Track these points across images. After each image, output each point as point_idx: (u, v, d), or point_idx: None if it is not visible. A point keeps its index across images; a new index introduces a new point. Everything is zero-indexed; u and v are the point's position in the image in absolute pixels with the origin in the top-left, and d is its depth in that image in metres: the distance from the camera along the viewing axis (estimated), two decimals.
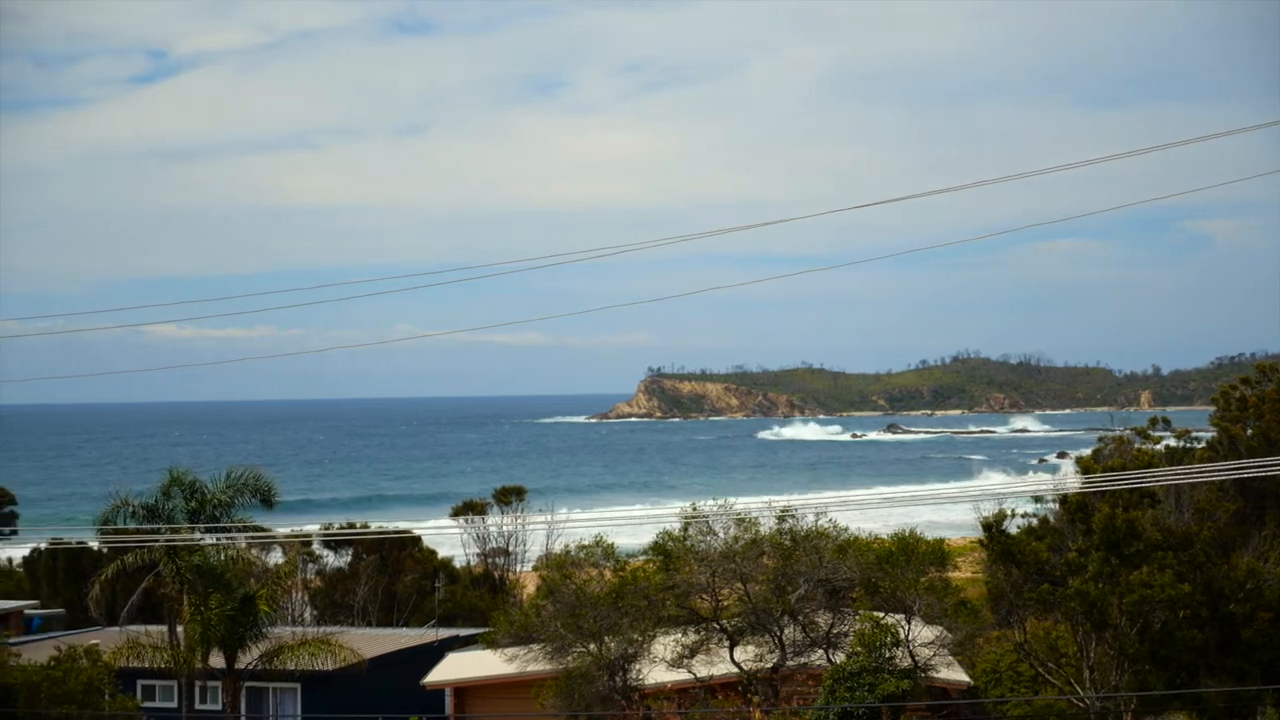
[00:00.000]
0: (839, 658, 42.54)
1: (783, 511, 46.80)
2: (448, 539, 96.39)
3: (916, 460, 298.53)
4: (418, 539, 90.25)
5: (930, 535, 48.24)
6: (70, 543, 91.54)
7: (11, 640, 57.80)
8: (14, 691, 44.29)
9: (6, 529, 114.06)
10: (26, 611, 76.37)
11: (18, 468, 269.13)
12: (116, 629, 59.26)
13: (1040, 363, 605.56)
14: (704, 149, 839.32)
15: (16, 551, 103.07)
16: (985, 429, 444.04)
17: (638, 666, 43.86)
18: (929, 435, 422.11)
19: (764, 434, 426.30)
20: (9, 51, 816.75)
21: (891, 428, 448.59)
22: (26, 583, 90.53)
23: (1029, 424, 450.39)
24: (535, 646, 44.97)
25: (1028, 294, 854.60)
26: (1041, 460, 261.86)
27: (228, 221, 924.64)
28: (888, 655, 40.54)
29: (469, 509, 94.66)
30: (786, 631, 43.72)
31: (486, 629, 57.59)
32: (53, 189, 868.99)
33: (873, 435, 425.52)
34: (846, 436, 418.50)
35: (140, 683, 56.23)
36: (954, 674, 45.59)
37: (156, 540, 50.79)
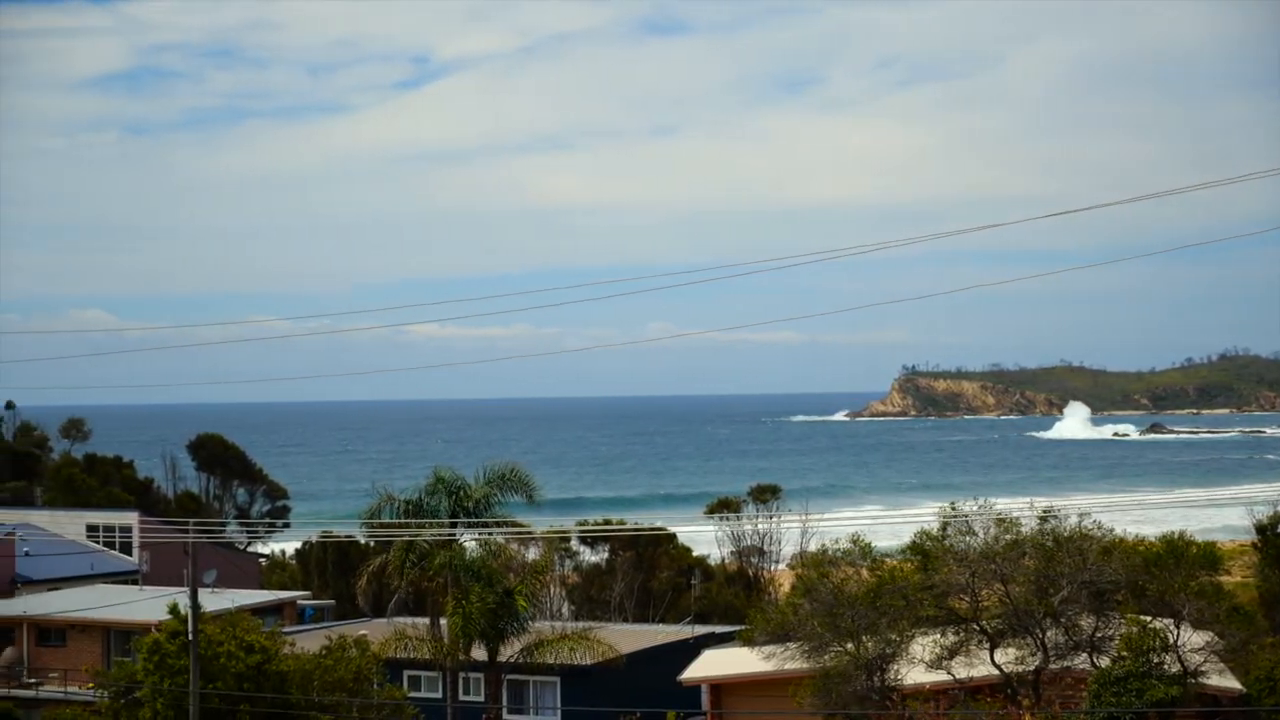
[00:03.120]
0: (1104, 662, 41.46)
1: (1044, 512, 45.83)
2: (702, 536, 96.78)
3: (1199, 461, 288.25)
4: (673, 536, 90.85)
5: (1202, 538, 46.75)
6: (339, 536, 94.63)
7: (286, 629, 59.92)
8: (289, 678, 45.88)
9: (279, 523, 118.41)
10: (299, 602, 79.06)
11: (302, 461, 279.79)
12: (384, 620, 61.02)
13: None
14: (958, 144, 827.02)
15: (290, 544, 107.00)
16: (1256, 429, 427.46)
17: (895, 667, 43.39)
18: (1195, 435, 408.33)
19: (1040, 433, 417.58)
20: (284, 60, 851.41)
21: (1155, 428, 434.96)
22: (299, 574, 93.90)
23: None
24: (792, 645, 44.85)
25: None
26: None
27: (485, 222, 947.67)
28: (1155, 660, 39.38)
29: (724, 507, 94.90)
30: (1048, 634, 42.76)
31: (742, 626, 57.65)
32: (318, 192, 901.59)
33: (1134, 435, 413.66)
34: (1110, 436, 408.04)
35: (406, 673, 57.75)
36: (1226, 681, 43.99)
37: (418, 535, 52.15)
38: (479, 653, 52.47)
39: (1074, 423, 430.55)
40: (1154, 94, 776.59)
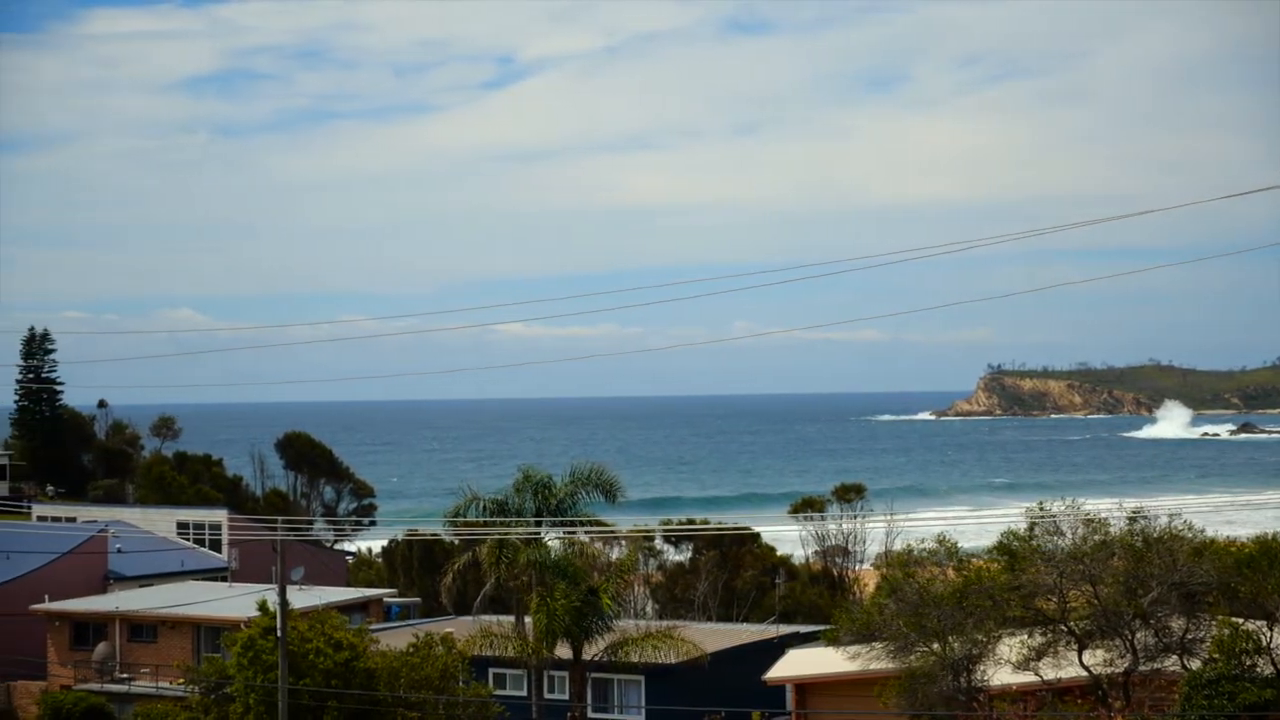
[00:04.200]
0: (1194, 664, 40.94)
1: (1134, 512, 45.28)
2: (786, 536, 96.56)
3: None
4: (756, 535, 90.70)
5: None
6: (425, 535, 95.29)
7: (373, 627, 60.38)
8: (376, 676, 46.26)
9: (365, 521, 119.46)
10: (385, 600, 79.56)
11: (389, 460, 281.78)
12: (469, 618, 61.32)
13: None
14: (1047, 142, 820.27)
15: (376, 543, 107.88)
16: None
17: (982, 667, 43.07)
18: None
19: (1134, 433, 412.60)
20: (370, 61, 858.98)
21: (1246, 427, 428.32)
22: (385, 572, 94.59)
23: None
24: (877, 645, 44.61)
25: None
26: None
27: (571, 222, 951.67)
28: (1248, 663, 38.81)
29: (808, 506, 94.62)
30: (1138, 635, 42.28)
31: (827, 626, 57.45)
32: (404, 193, 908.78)
33: (1224, 435, 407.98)
34: (1199, 436, 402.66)
35: (492, 670, 57.96)
36: None
37: (503, 534, 52.37)
38: (563, 651, 52.64)
39: (1172, 424, 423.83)
40: (1244, 89, 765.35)
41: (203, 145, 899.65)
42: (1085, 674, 42.51)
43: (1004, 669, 43.46)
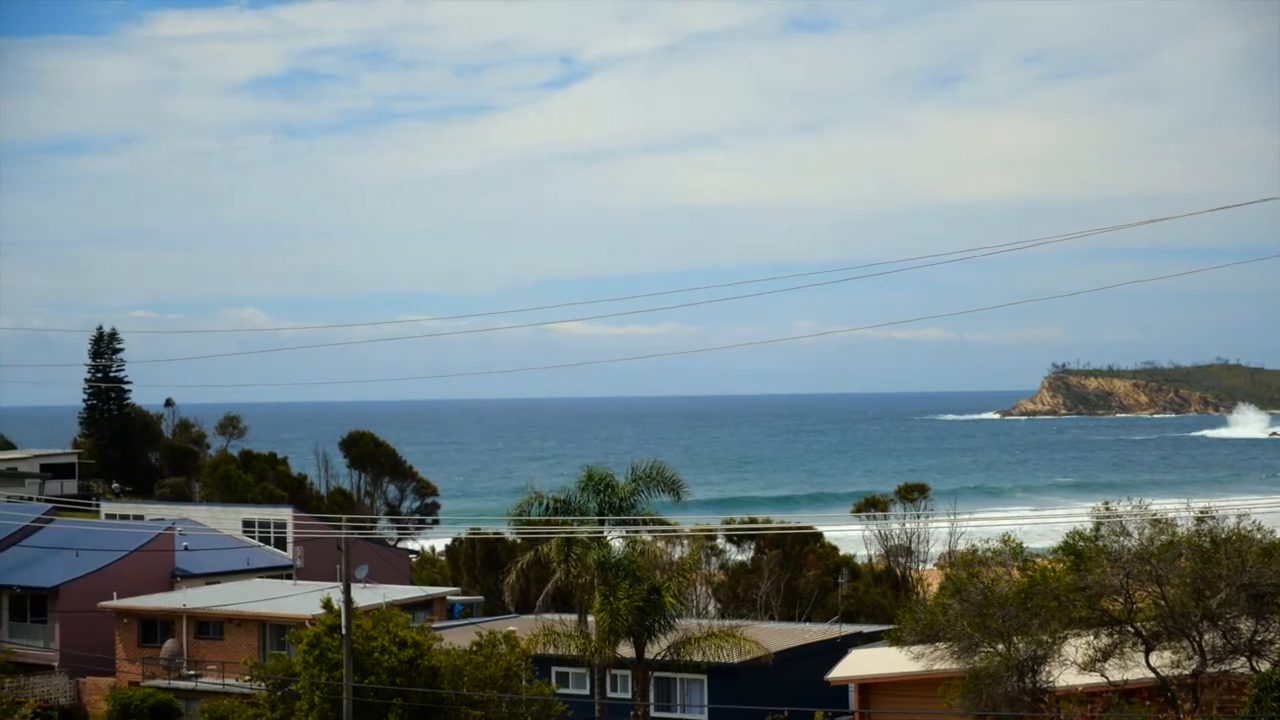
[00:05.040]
0: (1263, 666, 40.51)
1: (1201, 513, 44.88)
2: (849, 535, 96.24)
3: None
4: (819, 535, 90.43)
5: None
6: (487, 533, 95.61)
7: (436, 625, 60.59)
8: (440, 674, 46.44)
9: (429, 519, 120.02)
10: (449, 598, 79.86)
11: (454, 458, 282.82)
12: (532, 616, 61.47)
13: None
14: (1111, 140, 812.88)
15: (439, 541, 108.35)
16: None
17: (1047, 668, 42.80)
18: None
19: (1206, 432, 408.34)
20: (434, 62, 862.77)
21: None
22: (448, 570, 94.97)
23: None
24: (941, 645, 44.41)
25: None
26: None
27: (632, 222, 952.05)
28: None
29: (871, 505, 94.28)
30: (1206, 637, 41.88)
31: (890, 626, 57.24)
32: (467, 193, 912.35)
33: None
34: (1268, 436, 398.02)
35: (554, 669, 58.09)
36: None
37: (568, 532, 52.44)
38: (626, 649, 52.65)
39: (1248, 428, 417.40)
40: None
41: (267, 146, 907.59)
42: (1152, 675, 42.16)
43: (1069, 670, 43.19)
